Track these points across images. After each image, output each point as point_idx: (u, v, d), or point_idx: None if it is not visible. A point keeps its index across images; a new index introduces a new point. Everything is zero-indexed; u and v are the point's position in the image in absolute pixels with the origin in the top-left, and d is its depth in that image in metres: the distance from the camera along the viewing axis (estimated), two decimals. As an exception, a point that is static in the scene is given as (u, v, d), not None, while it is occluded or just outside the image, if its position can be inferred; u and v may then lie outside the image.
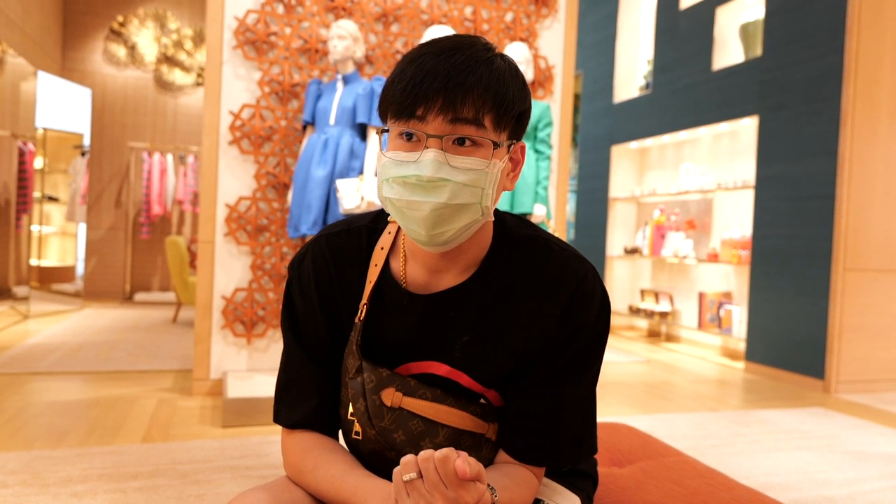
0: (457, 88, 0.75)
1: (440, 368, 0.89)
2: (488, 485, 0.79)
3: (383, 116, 0.81)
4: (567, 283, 0.87)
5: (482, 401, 0.90)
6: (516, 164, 0.85)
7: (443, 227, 0.79)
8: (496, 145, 0.79)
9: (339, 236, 0.93)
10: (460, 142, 0.77)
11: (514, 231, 0.90)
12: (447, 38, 0.80)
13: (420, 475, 0.69)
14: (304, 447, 0.89)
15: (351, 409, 0.89)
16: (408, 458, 0.70)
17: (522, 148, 0.86)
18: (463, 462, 0.68)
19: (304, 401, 0.91)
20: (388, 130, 0.81)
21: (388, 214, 0.93)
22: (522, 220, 0.93)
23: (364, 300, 0.89)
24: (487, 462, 0.90)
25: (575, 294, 0.87)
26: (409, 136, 0.78)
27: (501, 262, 0.88)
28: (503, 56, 0.81)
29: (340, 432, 0.95)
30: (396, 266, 0.90)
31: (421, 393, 0.87)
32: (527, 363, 0.88)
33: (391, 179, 0.79)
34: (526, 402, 0.88)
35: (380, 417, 0.86)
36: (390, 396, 0.86)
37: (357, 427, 0.89)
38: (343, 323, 0.92)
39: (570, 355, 0.87)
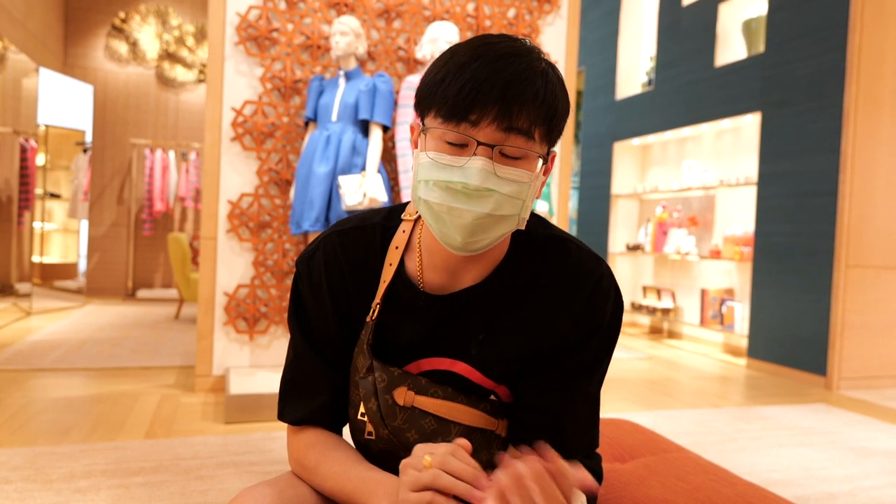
0: (515, 99, 0.73)
1: (454, 365, 0.88)
2: None
3: (423, 113, 0.79)
4: (583, 284, 0.87)
5: (492, 397, 0.90)
6: (547, 171, 0.85)
7: (480, 236, 0.78)
8: (544, 160, 0.79)
9: (352, 233, 0.91)
10: (509, 153, 0.76)
11: (532, 230, 0.90)
12: (500, 40, 0.77)
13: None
14: (308, 443, 0.89)
15: (362, 409, 0.88)
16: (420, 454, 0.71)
17: (553, 156, 0.85)
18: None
19: (309, 398, 0.91)
20: (425, 128, 0.79)
21: (402, 212, 0.92)
22: (538, 218, 0.93)
23: (377, 300, 0.88)
24: None
25: (591, 295, 0.87)
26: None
27: (519, 262, 0.88)
28: (553, 67, 0.80)
29: (350, 433, 0.94)
30: (412, 266, 0.89)
31: (433, 391, 0.87)
32: (539, 360, 0.88)
33: (432, 182, 0.77)
34: (536, 397, 0.88)
35: (392, 417, 0.86)
36: (402, 395, 0.86)
37: (369, 427, 0.88)
38: (354, 321, 0.91)
39: (582, 354, 0.87)
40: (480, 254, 0.85)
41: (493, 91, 0.73)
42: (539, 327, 0.87)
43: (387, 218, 0.92)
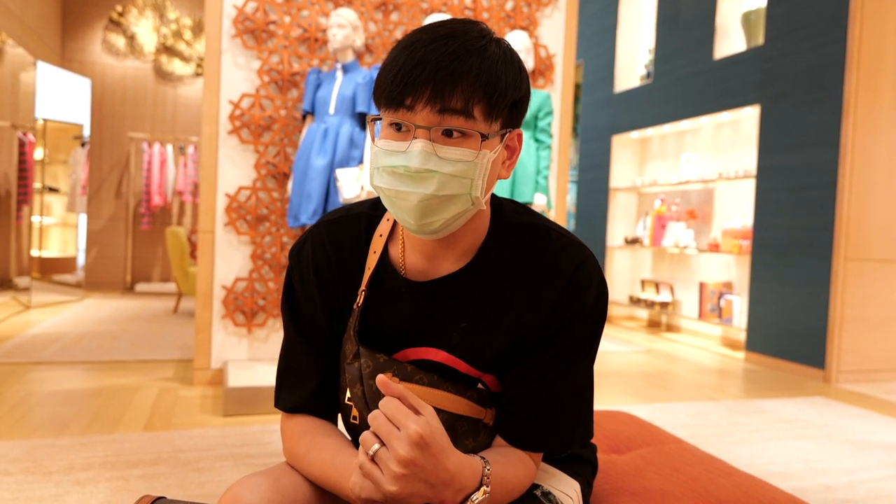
0: (445, 79, 0.74)
1: (438, 354, 0.89)
2: (481, 456, 0.80)
3: (377, 104, 0.81)
4: (564, 270, 0.86)
5: (480, 385, 0.91)
6: (513, 151, 0.84)
7: (432, 217, 0.79)
8: (484, 137, 0.78)
9: (338, 223, 0.93)
10: (448, 133, 0.76)
11: (512, 218, 0.90)
12: (442, 24, 0.78)
13: (381, 442, 0.70)
14: (299, 431, 0.90)
15: (348, 394, 0.90)
16: (364, 436, 0.72)
17: (519, 135, 0.84)
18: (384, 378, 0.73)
19: (302, 386, 0.92)
20: (380, 119, 0.80)
21: None
22: (521, 207, 0.93)
23: (362, 286, 0.89)
24: (485, 447, 0.90)
25: (572, 281, 0.86)
26: (399, 126, 0.77)
27: (499, 249, 0.88)
28: (499, 42, 0.79)
29: (341, 416, 0.95)
30: (395, 253, 0.90)
31: (418, 378, 0.87)
32: (523, 349, 0.88)
33: (381, 169, 0.79)
34: (522, 388, 0.88)
35: (376, 402, 0.86)
36: None
37: (354, 412, 0.90)
38: (342, 309, 0.92)
39: (567, 342, 0.87)
40: (456, 239, 0.86)
41: (423, 75, 0.74)
42: (521, 315, 0.87)
43: (372, 207, 0.94)
